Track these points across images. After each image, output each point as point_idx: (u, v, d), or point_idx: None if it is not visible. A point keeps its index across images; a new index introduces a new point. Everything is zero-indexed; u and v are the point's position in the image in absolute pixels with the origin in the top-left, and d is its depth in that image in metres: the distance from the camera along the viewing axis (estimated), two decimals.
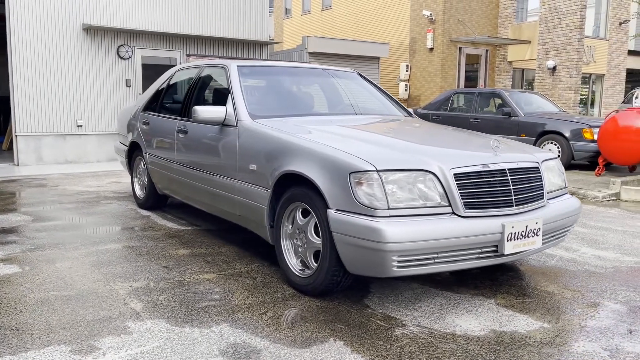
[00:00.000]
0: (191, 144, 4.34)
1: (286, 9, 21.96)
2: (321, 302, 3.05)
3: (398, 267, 2.71)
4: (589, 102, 19.65)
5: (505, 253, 2.89)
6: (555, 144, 9.27)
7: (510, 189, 3.01)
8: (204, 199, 4.25)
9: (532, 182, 3.17)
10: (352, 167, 2.81)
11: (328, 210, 2.88)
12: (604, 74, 19.48)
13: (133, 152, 5.75)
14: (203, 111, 3.84)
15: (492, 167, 3.00)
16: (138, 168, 5.67)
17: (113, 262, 3.73)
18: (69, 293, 3.13)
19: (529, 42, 15.61)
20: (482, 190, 2.92)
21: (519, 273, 3.66)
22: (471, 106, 10.87)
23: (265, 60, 5.88)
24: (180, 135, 4.54)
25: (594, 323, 2.82)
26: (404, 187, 2.78)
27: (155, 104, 5.34)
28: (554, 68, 14.36)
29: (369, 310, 2.94)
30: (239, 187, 3.69)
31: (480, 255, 2.89)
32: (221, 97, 4.40)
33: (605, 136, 8.34)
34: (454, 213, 2.83)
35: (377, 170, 2.76)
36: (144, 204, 5.54)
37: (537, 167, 3.25)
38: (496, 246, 2.90)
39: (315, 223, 3.10)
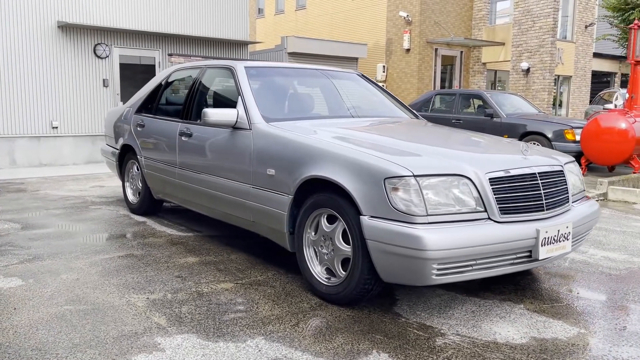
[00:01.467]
0: (197, 147, 4.19)
1: (259, 8, 21.74)
2: (351, 312, 2.96)
3: (437, 275, 2.64)
4: (557, 103, 20.13)
5: (540, 258, 2.86)
6: (537, 145, 9.40)
7: (541, 193, 2.98)
8: (210, 204, 4.10)
9: (559, 186, 3.15)
10: (387, 172, 2.73)
11: (361, 217, 2.79)
12: (571, 76, 19.98)
13: (125, 156, 5.53)
14: (214, 114, 3.70)
15: (524, 172, 2.98)
16: (130, 172, 5.46)
17: (121, 272, 3.56)
18: (84, 307, 2.95)
19: (503, 44, 15.87)
20: (516, 195, 2.89)
21: (537, 276, 3.65)
22: (452, 107, 10.95)
23: (267, 61, 5.75)
24: (183, 138, 4.37)
25: (630, 327, 2.81)
26: (440, 192, 2.71)
27: (150, 106, 5.15)
28: (528, 70, 14.63)
29: (403, 319, 2.87)
30: (254, 192, 3.57)
31: (515, 261, 2.86)
32: (227, 99, 4.26)
33: (588, 137, 8.52)
34: (489, 218, 2.79)
35: (414, 176, 2.69)
36: (137, 209, 5.34)
37: (562, 171, 3.24)
38: (530, 251, 2.86)
39: (344, 230, 3.01)
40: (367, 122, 3.91)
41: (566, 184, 3.24)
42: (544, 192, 3.00)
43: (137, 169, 5.32)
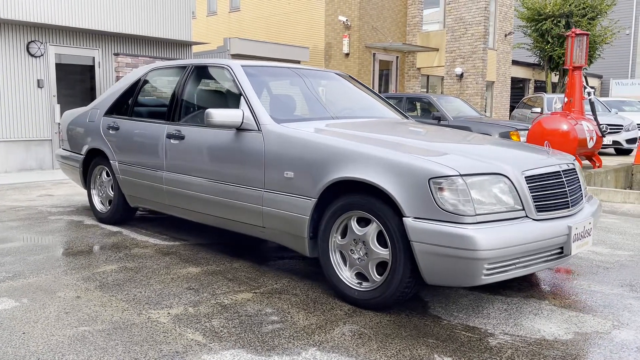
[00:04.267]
0: (191, 150, 3.94)
1: (192, 11, 21.13)
2: (389, 317, 2.88)
3: (485, 275, 2.63)
4: (483, 108, 21.14)
5: (572, 254, 2.93)
6: None
7: (566, 191, 3.06)
8: (207, 210, 3.87)
9: (576, 183, 3.25)
10: (432, 172, 2.68)
11: (404, 218, 2.73)
12: (493, 82, 21.05)
13: (90, 161, 5.13)
14: (219, 115, 3.49)
15: (553, 169, 3.04)
16: (99, 179, 5.06)
17: (124, 287, 3.27)
18: (103, 327, 2.66)
19: (437, 49, 16.43)
20: (547, 193, 2.94)
21: (546, 271, 3.75)
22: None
23: (262, 60, 5.54)
24: (172, 141, 4.10)
25: None
26: (484, 191, 2.71)
27: (124, 107, 4.80)
28: (462, 75, 15.22)
29: (444, 321, 2.83)
30: (268, 196, 3.40)
31: (549, 258, 2.90)
32: (222, 99, 4.06)
33: (533, 138, 8.96)
34: (526, 217, 2.82)
35: (461, 175, 2.66)
36: (107, 218, 4.96)
37: (575, 169, 3.35)
38: (562, 248, 2.92)
39: (378, 232, 2.93)
40: (377, 123, 3.85)
41: (579, 181, 3.35)
42: (568, 190, 3.08)
43: (108, 175, 4.95)
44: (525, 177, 2.86)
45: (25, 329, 2.62)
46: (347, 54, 15.50)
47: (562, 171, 3.12)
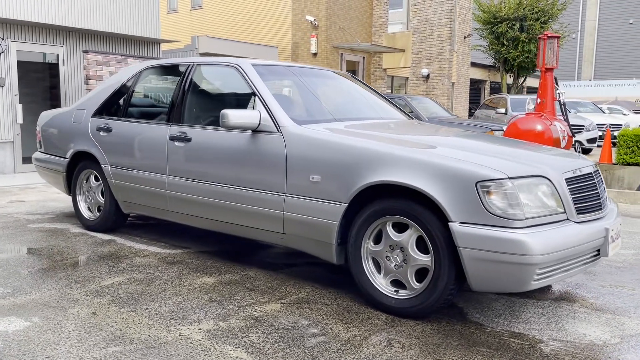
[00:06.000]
0: (199, 153, 3.73)
1: None
2: (430, 325, 2.78)
3: (535, 280, 2.57)
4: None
5: (609, 256, 2.92)
6: None
7: (598, 192, 3.05)
8: (218, 216, 3.67)
9: (601, 184, 3.25)
10: (480, 176, 2.60)
11: (450, 223, 2.64)
12: (454, 82, 21.42)
13: (76, 165, 4.81)
14: (235, 116, 3.31)
15: (587, 170, 3.03)
16: (86, 184, 4.76)
17: (141, 301, 3.04)
18: (134, 347, 2.45)
19: (403, 50, 16.54)
20: (584, 195, 2.92)
21: None
22: None
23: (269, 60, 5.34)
24: (176, 143, 3.88)
25: None
26: (530, 194, 2.65)
27: (116, 107, 4.52)
28: (428, 76, 15.38)
29: (488, 328, 2.76)
30: (290, 201, 3.24)
31: (587, 260, 2.88)
32: (232, 99, 3.87)
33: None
34: (568, 219, 2.78)
35: (509, 178, 2.59)
36: (97, 226, 4.66)
37: (598, 170, 3.35)
38: (598, 250, 2.90)
39: (417, 238, 2.83)
40: (399, 124, 3.75)
41: (603, 182, 3.35)
42: (599, 191, 3.07)
43: (97, 180, 4.65)
44: (566, 180, 2.82)
45: (48, 353, 2.37)
46: (315, 54, 15.40)
47: (594, 172, 3.12)
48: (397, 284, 2.95)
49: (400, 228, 2.90)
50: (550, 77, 9.63)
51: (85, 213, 4.79)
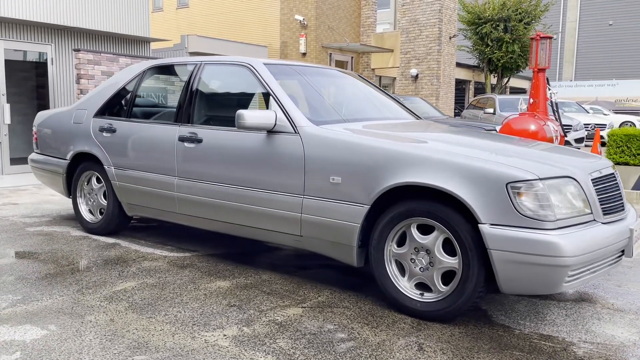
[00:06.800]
0: (211, 155, 3.65)
1: None
2: (458, 328, 2.75)
3: (566, 282, 2.55)
4: None
5: (633, 256, 2.91)
6: None
7: (620, 193, 3.05)
8: (231, 219, 3.59)
9: (619, 185, 3.25)
10: (510, 177, 2.57)
11: (480, 225, 2.60)
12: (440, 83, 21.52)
13: (77, 167, 4.69)
14: (252, 116, 3.24)
15: (609, 171, 3.02)
16: (87, 186, 4.63)
17: (158, 307, 2.95)
18: (160, 355, 2.37)
19: (392, 50, 16.56)
20: (608, 195, 2.91)
21: None
22: None
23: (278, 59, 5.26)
24: (186, 144, 3.79)
25: None
26: (560, 195, 2.63)
27: (120, 108, 4.41)
28: (417, 76, 15.41)
29: (517, 331, 2.73)
30: (308, 203, 3.18)
31: (612, 261, 2.87)
32: (243, 100, 3.80)
33: None
34: (594, 220, 2.76)
35: (540, 179, 2.57)
36: (99, 229, 4.54)
37: (615, 171, 3.35)
38: (622, 250, 2.90)
39: (444, 240, 2.79)
40: (418, 124, 3.72)
41: (620, 183, 3.35)
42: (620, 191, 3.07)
43: (99, 182, 4.53)
44: (592, 180, 2.81)
45: None
46: (304, 54, 15.33)
47: (615, 173, 3.11)
48: (422, 286, 2.91)
49: (424, 230, 2.86)
50: (543, 77, 9.70)
51: (87, 216, 4.67)
